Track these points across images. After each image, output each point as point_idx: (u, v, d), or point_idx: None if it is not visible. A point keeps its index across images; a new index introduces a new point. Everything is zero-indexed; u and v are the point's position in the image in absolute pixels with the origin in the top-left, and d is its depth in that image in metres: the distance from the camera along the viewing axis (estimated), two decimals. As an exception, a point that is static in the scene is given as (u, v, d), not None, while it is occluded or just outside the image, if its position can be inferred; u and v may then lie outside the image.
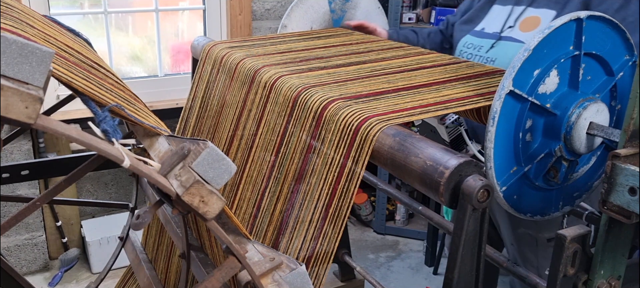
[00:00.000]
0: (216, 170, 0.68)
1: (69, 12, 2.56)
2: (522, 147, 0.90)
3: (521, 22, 1.38)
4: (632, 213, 0.74)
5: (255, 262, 0.77)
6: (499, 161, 0.87)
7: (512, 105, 0.87)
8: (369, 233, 3.01)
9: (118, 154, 0.60)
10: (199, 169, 0.67)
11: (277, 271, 0.78)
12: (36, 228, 2.50)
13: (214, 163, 0.68)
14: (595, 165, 1.01)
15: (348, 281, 1.73)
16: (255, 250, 0.80)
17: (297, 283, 0.78)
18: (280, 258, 0.79)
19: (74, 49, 0.87)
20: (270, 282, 0.77)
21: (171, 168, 0.68)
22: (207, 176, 0.67)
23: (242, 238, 0.81)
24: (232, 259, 0.75)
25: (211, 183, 0.68)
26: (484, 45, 1.42)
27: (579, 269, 0.84)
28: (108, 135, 0.63)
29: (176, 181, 0.67)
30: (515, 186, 0.91)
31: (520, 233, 1.47)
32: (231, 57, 1.29)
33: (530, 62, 0.86)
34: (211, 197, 0.67)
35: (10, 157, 2.35)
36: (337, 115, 0.92)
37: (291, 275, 0.77)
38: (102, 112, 0.65)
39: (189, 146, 0.68)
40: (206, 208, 0.67)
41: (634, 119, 0.77)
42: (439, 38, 1.66)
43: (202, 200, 0.67)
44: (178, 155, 0.68)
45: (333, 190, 0.89)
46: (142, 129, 0.78)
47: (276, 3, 2.71)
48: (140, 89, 2.55)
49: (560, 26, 0.86)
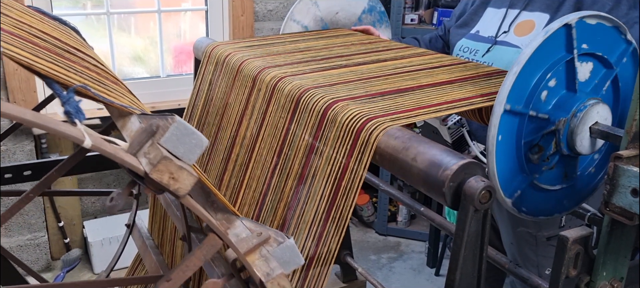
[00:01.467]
0: (186, 145, 0.65)
1: (72, 13, 2.56)
2: (526, 157, 0.90)
3: (516, 27, 1.39)
4: (634, 214, 0.74)
5: (242, 239, 0.76)
6: (504, 176, 0.87)
7: (511, 121, 0.88)
8: (371, 234, 3.01)
9: (78, 134, 0.58)
10: (168, 145, 0.64)
11: (265, 246, 0.76)
12: (38, 229, 2.51)
13: (183, 138, 0.65)
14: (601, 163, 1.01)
15: (350, 282, 1.73)
16: (244, 226, 0.78)
17: (285, 257, 0.76)
18: (268, 232, 0.77)
19: (50, 35, 0.86)
20: (257, 257, 0.75)
21: (140, 147, 0.65)
22: (178, 152, 0.65)
23: (230, 215, 0.79)
24: (213, 236, 0.73)
25: (183, 159, 0.65)
26: (479, 49, 1.42)
27: (581, 271, 0.84)
28: (71, 116, 0.61)
29: (145, 159, 0.64)
30: (523, 195, 0.91)
31: (520, 232, 1.48)
32: (234, 58, 1.29)
33: (523, 77, 0.86)
34: (181, 172, 0.65)
35: (13, 158, 2.35)
36: (340, 116, 0.92)
37: (279, 249, 0.75)
38: (66, 94, 0.63)
39: (158, 122, 0.66)
40: (177, 185, 0.65)
41: (636, 120, 0.77)
42: (440, 44, 1.67)
43: (172, 177, 0.64)
44: (147, 132, 0.66)
45: (335, 191, 0.89)
46: (116, 111, 0.76)
47: (278, 4, 2.72)
48: (142, 90, 2.55)
49: (550, 36, 0.85)
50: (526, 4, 1.40)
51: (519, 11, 1.40)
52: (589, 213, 1.05)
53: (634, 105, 0.77)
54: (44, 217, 2.51)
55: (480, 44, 1.43)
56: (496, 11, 1.47)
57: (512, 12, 1.42)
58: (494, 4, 1.49)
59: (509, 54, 1.35)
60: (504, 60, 1.35)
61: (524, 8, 1.40)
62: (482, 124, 1.08)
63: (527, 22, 1.38)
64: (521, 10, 1.40)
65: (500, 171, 0.87)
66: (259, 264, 0.75)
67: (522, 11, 1.40)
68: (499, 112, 0.85)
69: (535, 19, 1.36)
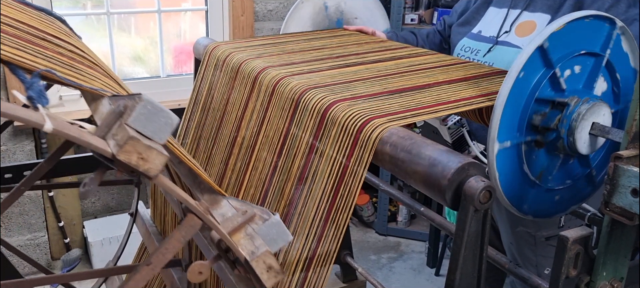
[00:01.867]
0: (156, 124, 0.63)
1: (72, 13, 2.56)
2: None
3: (517, 27, 1.39)
4: (634, 214, 0.74)
5: (227, 218, 0.74)
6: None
7: (510, 154, 0.89)
8: (371, 235, 3.01)
9: (38, 119, 0.56)
10: (137, 125, 0.62)
11: (250, 224, 0.75)
12: (38, 229, 2.51)
13: (151, 116, 0.63)
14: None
15: (350, 282, 1.73)
16: (230, 205, 0.77)
17: (271, 234, 0.74)
18: (253, 210, 0.75)
19: (26, 23, 0.84)
20: (242, 236, 0.74)
21: (109, 129, 0.63)
22: (147, 131, 0.63)
23: (217, 195, 0.78)
24: (192, 216, 0.71)
25: (154, 139, 0.63)
26: (481, 49, 1.42)
27: (581, 271, 0.84)
28: (33, 101, 0.59)
29: (113, 141, 0.62)
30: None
31: (519, 232, 1.48)
32: (234, 58, 1.29)
33: (510, 108, 0.87)
34: (150, 152, 0.62)
35: (13, 158, 2.35)
36: (340, 116, 0.92)
37: (265, 226, 0.74)
38: (30, 79, 0.61)
39: (126, 102, 0.64)
40: (147, 165, 0.62)
41: (637, 120, 0.77)
42: (438, 39, 1.67)
43: (141, 157, 0.62)
44: (114, 113, 0.64)
45: (335, 191, 0.89)
46: (90, 95, 0.74)
47: (278, 4, 2.72)
48: (142, 90, 2.53)
49: (524, 66, 0.85)
50: (527, 5, 1.40)
51: (520, 11, 1.40)
52: (589, 213, 1.05)
53: (634, 105, 0.77)
54: (44, 217, 2.51)
55: (481, 44, 1.43)
56: (498, 11, 1.47)
57: (513, 12, 1.42)
58: (496, 3, 1.49)
59: (509, 54, 1.35)
60: (505, 60, 1.35)
61: (525, 8, 1.40)
62: (482, 124, 1.08)
63: (528, 22, 1.38)
64: (522, 10, 1.40)
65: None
66: (244, 243, 0.74)
67: (523, 11, 1.40)
68: (493, 151, 0.86)
69: (536, 19, 1.36)
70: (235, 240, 0.73)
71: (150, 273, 0.70)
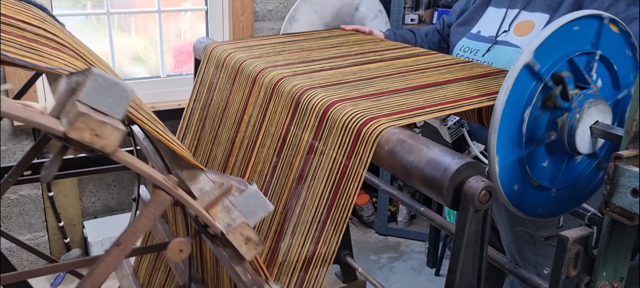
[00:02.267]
0: (111, 98, 0.60)
1: (72, 13, 2.56)
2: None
3: (516, 27, 1.39)
4: (634, 214, 0.74)
5: (205, 192, 0.72)
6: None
7: (513, 166, 0.88)
8: (371, 235, 3.01)
9: None
10: (90, 100, 0.59)
11: (227, 196, 0.73)
12: (38, 229, 2.51)
13: (104, 90, 0.60)
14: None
15: (350, 282, 1.73)
16: (208, 179, 0.75)
17: (250, 205, 0.72)
18: (230, 182, 0.73)
19: None
20: (219, 209, 0.72)
21: (62, 107, 0.61)
22: (102, 106, 0.60)
23: (195, 170, 0.76)
24: (159, 192, 0.69)
25: (111, 114, 0.60)
26: (480, 49, 1.42)
27: (581, 271, 0.84)
28: None
29: (66, 119, 0.60)
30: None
31: (518, 231, 1.48)
32: (234, 58, 1.29)
33: (506, 124, 0.86)
34: (104, 128, 0.59)
35: (13, 158, 2.35)
36: (340, 116, 0.92)
37: (242, 197, 0.72)
38: None
39: (77, 79, 0.61)
40: (103, 141, 0.60)
41: (636, 120, 0.77)
42: (436, 38, 1.67)
43: (94, 134, 0.59)
44: (67, 91, 0.61)
45: (335, 191, 0.89)
46: (51, 77, 0.71)
47: (278, 4, 2.72)
48: (142, 90, 2.55)
49: (512, 86, 0.85)
50: (526, 4, 1.40)
51: (519, 11, 1.40)
52: (589, 213, 1.05)
53: (634, 105, 0.77)
54: (44, 217, 2.51)
55: (480, 44, 1.43)
56: (497, 11, 1.47)
57: (512, 12, 1.42)
58: (495, 3, 1.49)
59: (509, 53, 1.36)
60: (504, 59, 1.35)
61: (524, 8, 1.40)
62: (480, 124, 1.08)
63: (527, 22, 1.38)
64: (521, 10, 1.40)
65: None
66: (221, 216, 0.72)
67: (521, 11, 1.40)
68: (495, 167, 0.86)
69: (535, 19, 1.36)
70: (212, 213, 0.71)
71: (121, 253, 0.67)
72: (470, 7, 1.55)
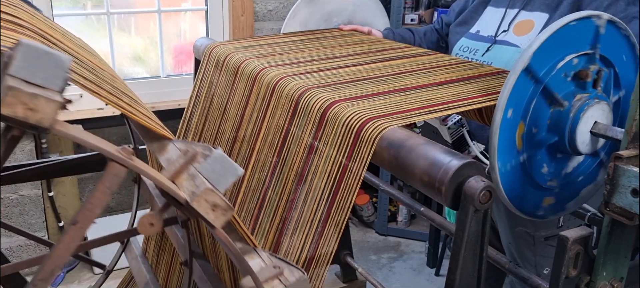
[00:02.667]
0: (46, 70, 0.57)
1: (72, 13, 2.56)
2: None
3: (515, 26, 1.39)
4: (634, 214, 0.74)
5: (171, 162, 0.70)
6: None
7: (516, 171, 0.88)
8: (371, 234, 3.01)
9: None
10: (22, 74, 0.56)
11: (192, 164, 0.70)
12: (38, 229, 2.51)
13: (36, 61, 0.57)
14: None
15: (350, 282, 1.73)
16: (175, 148, 0.72)
17: (217, 170, 0.69)
18: (195, 149, 0.70)
19: None
20: (185, 177, 0.68)
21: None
22: (36, 79, 0.57)
23: (164, 141, 0.74)
24: (113, 165, 0.65)
25: (48, 86, 0.57)
26: (479, 48, 1.42)
27: (581, 271, 0.84)
28: None
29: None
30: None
31: (518, 231, 1.48)
32: (233, 58, 1.29)
33: (505, 134, 0.86)
34: (37, 100, 0.56)
35: (13, 158, 2.35)
36: (339, 116, 0.92)
37: (207, 162, 0.69)
38: None
39: (10, 53, 0.58)
40: (38, 115, 0.56)
41: (637, 120, 0.77)
42: (435, 37, 1.67)
43: (28, 108, 0.56)
44: (2, 68, 0.58)
45: (335, 190, 0.89)
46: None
47: (278, 4, 2.72)
48: (142, 90, 2.55)
49: (511, 92, 0.85)
50: (525, 3, 1.39)
51: (518, 10, 1.40)
52: (589, 213, 1.05)
53: (634, 105, 0.77)
54: (44, 217, 2.51)
55: (480, 44, 1.43)
56: (496, 10, 1.47)
57: (511, 11, 1.42)
58: (494, 3, 1.49)
59: (508, 53, 1.35)
60: (503, 59, 1.35)
61: (523, 7, 1.40)
62: (482, 123, 1.08)
63: (526, 21, 1.38)
64: (521, 9, 1.40)
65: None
66: (185, 185, 0.69)
67: (521, 10, 1.40)
68: (497, 175, 0.86)
69: (534, 18, 1.36)
70: (178, 182, 0.69)
71: (79, 232, 0.64)
72: (469, 7, 1.55)
